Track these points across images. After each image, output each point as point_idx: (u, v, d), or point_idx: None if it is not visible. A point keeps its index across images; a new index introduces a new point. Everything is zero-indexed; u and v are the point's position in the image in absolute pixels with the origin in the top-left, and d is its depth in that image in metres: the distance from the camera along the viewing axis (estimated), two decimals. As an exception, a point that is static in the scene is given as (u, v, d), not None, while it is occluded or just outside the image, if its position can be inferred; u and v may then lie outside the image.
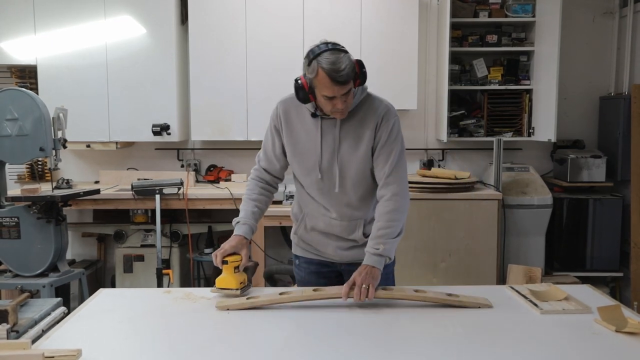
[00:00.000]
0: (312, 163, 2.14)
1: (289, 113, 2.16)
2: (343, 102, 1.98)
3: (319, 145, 2.11)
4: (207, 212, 4.53)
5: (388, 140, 2.09)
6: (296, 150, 2.16)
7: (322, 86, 1.94)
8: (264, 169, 2.30)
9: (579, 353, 1.58)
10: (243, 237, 2.16)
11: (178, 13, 4.28)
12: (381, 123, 2.08)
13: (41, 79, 4.21)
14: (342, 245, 2.22)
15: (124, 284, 4.26)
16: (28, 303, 2.34)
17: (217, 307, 1.91)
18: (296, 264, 2.39)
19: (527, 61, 4.46)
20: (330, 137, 2.11)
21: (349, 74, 1.93)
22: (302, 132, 2.14)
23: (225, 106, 4.27)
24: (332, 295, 1.95)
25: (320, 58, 1.93)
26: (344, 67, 1.91)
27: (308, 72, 1.97)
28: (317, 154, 2.12)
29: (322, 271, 2.30)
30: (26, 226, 3.41)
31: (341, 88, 1.93)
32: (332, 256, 2.25)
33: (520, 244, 4.18)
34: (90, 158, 4.67)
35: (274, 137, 2.22)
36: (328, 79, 1.91)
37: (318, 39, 2.05)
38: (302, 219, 2.29)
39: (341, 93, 1.95)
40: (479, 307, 1.92)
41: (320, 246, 2.27)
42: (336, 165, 2.11)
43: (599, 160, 4.31)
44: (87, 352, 1.52)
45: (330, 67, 1.90)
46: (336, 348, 1.61)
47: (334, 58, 1.92)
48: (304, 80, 2.01)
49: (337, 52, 1.94)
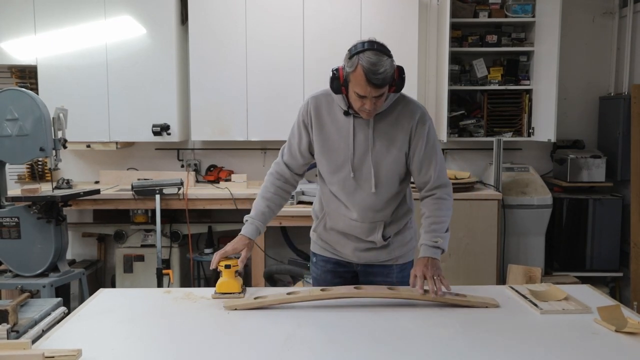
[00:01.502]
0: (342, 160, 2.11)
1: (320, 109, 2.14)
2: (373, 104, 1.95)
3: (351, 143, 2.08)
4: (207, 212, 4.53)
5: (428, 144, 2.11)
6: (326, 147, 2.12)
7: (356, 83, 1.92)
8: (286, 163, 2.26)
9: (579, 353, 1.58)
10: (247, 237, 2.12)
11: (178, 13, 4.29)
12: (416, 128, 2.08)
13: (41, 79, 4.21)
14: (361, 246, 2.21)
15: (124, 284, 4.26)
16: (28, 303, 2.34)
17: (225, 307, 1.91)
18: (313, 262, 2.37)
19: (527, 61, 4.46)
20: (363, 135, 2.08)
21: (385, 78, 1.91)
22: (333, 129, 2.11)
23: (225, 106, 4.27)
24: (341, 295, 1.95)
25: (363, 55, 1.91)
26: (383, 71, 1.89)
27: (347, 65, 1.96)
28: (349, 152, 2.09)
29: (338, 270, 2.29)
30: (26, 226, 3.41)
31: (374, 90, 1.91)
32: (350, 256, 2.25)
33: (520, 244, 4.19)
34: (91, 158, 4.67)
35: (300, 133, 2.19)
36: (364, 77, 1.89)
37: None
38: (323, 218, 2.26)
39: (373, 95, 1.93)
40: (487, 307, 1.92)
41: (338, 246, 2.26)
42: (370, 164, 2.09)
43: (599, 160, 4.31)
44: (87, 352, 1.52)
45: (369, 67, 1.89)
46: (338, 347, 1.61)
47: (375, 59, 1.90)
48: (341, 72, 2.00)
49: (380, 55, 1.92)
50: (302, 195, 4.08)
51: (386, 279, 2.23)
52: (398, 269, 2.26)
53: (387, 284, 2.16)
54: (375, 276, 2.24)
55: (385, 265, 2.24)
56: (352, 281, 2.27)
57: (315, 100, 2.15)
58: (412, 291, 1.97)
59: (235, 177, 4.34)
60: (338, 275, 2.30)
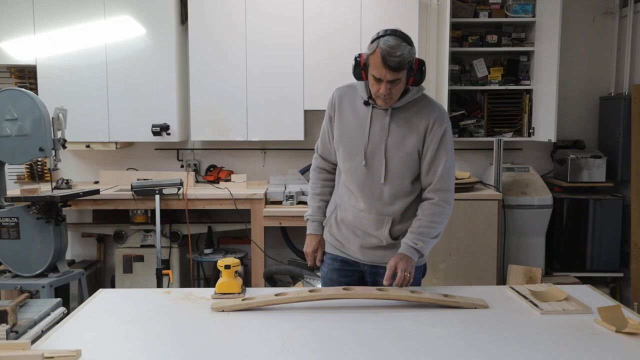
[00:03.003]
0: (356, 148, 2.17)
1: (342, 98, 2.23)
2: (387, 88, 2.00)
3: (367, 132, 2.14)
4: (207, 212, 4.53)
5: (440, 146, 2.14)
6: (343, 134, 2.20)
7: (374, 65, 1.99)
8: (322, 156, 2.37)
9: (579, 353, 1.58)
10: (315, 235, 2.33)
11: (178, 13, 4.28)
12: (432, 127, 2.12)
13: (41, 79, 4.21)
14: (367, 242, 2.23)
15: (124, 285, 4.26)
16: (27, 303, 2.34)
17: (212, 308, 1.91)
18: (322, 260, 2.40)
19: (527, 61, 4.46)
20: (379, 125, 2.13)
21: (402, 62, 1.95)
22: (351, 117, 2.19)
23: (225, 106, 4.27)
24: (329, 296, 1.95)
25: (383, 39, 1.97)
26: (399, 54, 1.94)
27: (368, 49, 2.02)
28: (363, 140, 2.15)
29: (345, 269, 2.31)
30: (26, 226, 3.41)
31: (390, 73, 1.96)
32: (356, 254, 2.27)
33: (520, 244, 4.18)
34: (90, 158, 4.67)
35: (327, 124, 2.28)
36: (380, 59, 1.95)
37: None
38: (334, 211, 2.30)
39: (388, 78, 1.98)
40: (475, 308, 1.92)
41: (346, 242, 2.28)
42: (383, 154, 2.13)
43: (599, 160, 4.31)
44: (86, 352, 1.51)
45: (386, 49, 1.94)
46: (337, 348, 1.61)
47: (394, 43, 1.96)
48: (362, 57, 2.07)
49: (400, 40, 1.97)
50: (302, 196, 4.07)
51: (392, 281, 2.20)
52: None
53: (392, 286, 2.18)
54: (381, 277, 2.23)
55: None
56: (358, 281, 2.30)
57: (339, 91, 2.26)
58: (401, 292, 1.96)
59: (235, 177, 4.34)
60: (344, 274, 2.31)
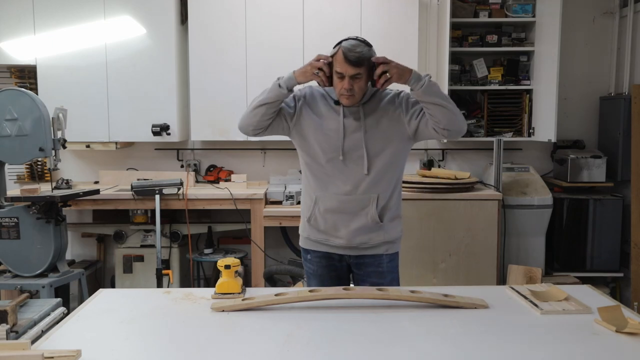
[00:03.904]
0: (333, 143, 2.28)
1: (314, 95, 2.36)
2: (350, 84, 2.17)
3: (341, 130, 2.27)
4: (207, 212, 4.53)
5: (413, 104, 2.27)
6: (318, 130, 2.30)
7: (337, 63, 2.18)
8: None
9: (579, 353, 1.58)
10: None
11: (178, 13, 4.28)
12: (402, 100, 2.30)
13: (41, 79, 4.21)
14: (354, 225, 2.31)
15: (124, 285, 4.26)
16: (27, 303, 2.34)
17: (212, 308, 1.91)
18: (307, 259, 2.45)
19: (527, 61, 4.46)
20: (354, 123, 2.27)
21: (360, 58, 2.14)
22: (324, 113, 2.31)
23: (225, 106, 4.27)
24: (329, 296, 1.95)
25: (344, 42, 2.20)
26: (359, 51, 2.16)
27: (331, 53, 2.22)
28: (339, 137, 2.27)
29: (332, 264, 2.39)
30: (26, 226, 3.41)
31: (350, 68, 2.14)
32: (342, 241, 2.33)
33: (520, 244, 4.18)
34: (90, 158, 4.67)
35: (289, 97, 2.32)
36: (342, 56, 2.15)
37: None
38: (315, 204, 2.36)
39: (350, 73, 2.15)
40: (475, 308, 1.92)
41: (333, 230, 2.34)
42: (363, 149, 2.27)
43: (599, 160, 4.31)
44: (86, 352, 1.51)
45: (347, 48, 2.16)
46: (337, 348, 1.61)
47: (355, 43, 2.18)
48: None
49: (360, 43, 2.19)
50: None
51: (377, 269, 2.36)
52: (387, 259, 2.38)
53: (377, 273, 2.35)
54: (367, 266, 2.37)
55: (375, 255, 2.36)
56: (346, 274, 2.41)
57: (311, 90, 2.38)
58: (401, 292, 1.97)
59: (235, 177, 4.34)
60: (333, 269, 2.40)
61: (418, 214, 3.85)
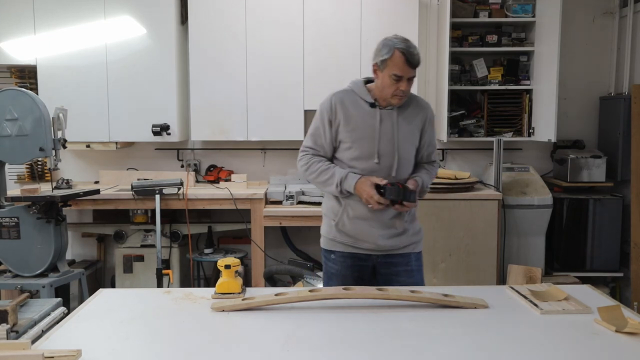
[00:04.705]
0: (369, 149, 2.30)
1: (344, 103, 2.34)
2: (407, 85, 2.22)
3: (377, 132, 2.30)
4: (207, 212, 4.53)
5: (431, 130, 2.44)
6: (354, 137, 2.31)
7: (394, 65, 2.19)
8: (317, 155, 2.41)
9: (579, 353, 1.58)
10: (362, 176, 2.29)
11: (178, 13, 4.28)
12: (428, 122, 2.41)
13: (41, 79, 4.21)
14: (384, 233, 2.34)
15: (124, 284, 4.26)
16: (28, 303, 2.34)
17: (212, 308, 1.91)
18: (330, 259, 2.45)
19: (527, 61, 4.46)
20: (388, 125, 2.31)
21: (419, 60, 2.22)
22: (359, 120, 2.31)
23: (225, 106, 4.27)
24: (329, 296, 1.95)
25: (397, 41, 2.20)
26: (417, 52, 2.22)
27: (381, 54, 2.22)
28: (375, 140, 2.30)
29: (357, 265, 2.40)
30: (26, 226, 3.41)
31: (410, 70, 2.20)
32: (371, 245, 2.35)
33: (520, 244, 4.18)
34: (90, 158, 4.67)
35: (325, 128, 2.35)
36: (403, 58, 2.18)
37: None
38: (344, 210, 2.37)
39: (408, 75, 2.21)
40: (475, 308, 1.92)
41: (361, 235, 2.35)
42: (395, 151, 2.31)
43: (599, 160, 4.31)
44: (86, 352, 1.51)
45: (406, 49, 2.18)
46: (337, 348, 1.61)
47: (409, 43, 2.22)
48: (376, 65, 2.26)
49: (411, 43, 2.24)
50: (302, 195, 4.07)
51: (406, 268, 2.38)
52: (415, 257, 2.42)
53: (407, 272, 2.36)
54: (396, 266, 2.38)
55: (404, 254, 2.38)
56: (369, 275, 2.41)
57: (337, 97, 2.35)
58: (401, 292, 1.97)
59: (235, 177, 4.34)
60: (357, 270, 2.40)
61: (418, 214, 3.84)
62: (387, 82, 2.22)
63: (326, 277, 2.50)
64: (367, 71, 4.38)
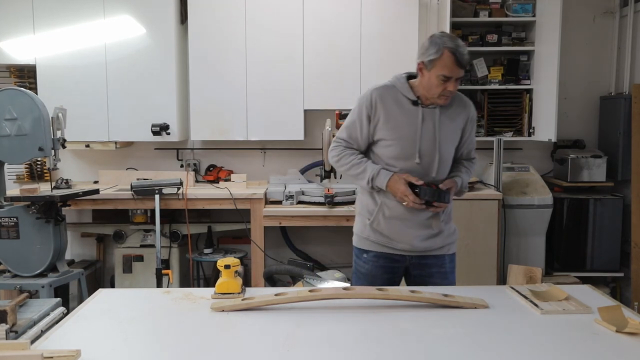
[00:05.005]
0: (410, 148, 2.25)
1: (385, 99, 2.26)
2: (454, 85, 2.16)
3: (419, 131, 2.24)
4: (207, 212, 4.52)
5: (472, 129, 2.40)
6: (394, 135, 2.25)
7: (444, 66, 2.12)
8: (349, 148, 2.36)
9: (579, 353, 1.58)
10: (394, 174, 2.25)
11: (178, 13, 4.28)
12: (470, 121, 2.36)
13: (40, 79, 4.21)
14: (421, 234, 2.31)
15: (124, 284, 4.25)
16: (27, 303, 2.34)
17: (212, 308, 1.90)
18: (362, 258, 2.41)
19: (527, 61, 4.46)
20: (431, 124, 2.25)
21: (469, 59, 2.16)
22: (400, 118, 2.25)
23: (225, 106, 4.27)
24: (329, 296, 1.94)
25: (446, 40, 2.13)
26: (466, 52, 2.14)
27: (428, 53, 2.14)
28: (416, 140, 2.24)
29: (389, 265, 2.36)
30: (25, 226, 3.40)
31: (459, 71, 2.13)
32: (406, 246, 2.32)
33: (520, 244, 4.18)
34: (90, 158, 4.67)
35: (362, 123, 2.29)
36: (452, 58, 2.10)
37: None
38: (379, 209, 2.32)
39: (457, 76, 2.14)
40: (475, 308, 1.92)
41: (397, 236, 2.32)
42: (437, 151, 2.26)
43: (600, 160, 4.30)
44: (86, 352, 1.51)
45: (455, 48, 2.10)
46: (337, 348, 1.60)
47: (458, 41, 2.15)
48: (422, 64, 2.19)
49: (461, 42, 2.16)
50: (302, 195, 4.07)
51: (440, 269, 2.36)
52: (449, 259, 2.39)
53: (440, 274, 2.34)
54: (429, 267, 2.35)
55: (438, 255, 2.36)
56: (399, 277, 2.40)
57: (378, 92, 2.27)
58: (401, 292, 1.96)
59: (234, 177, 4.34)
60: (389, 271, 2.37)
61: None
62: (434, 82, 2.16)
63: (355, 276, 2.46)
64: (368, 71, 4.37)
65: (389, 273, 2.37)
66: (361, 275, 2.43)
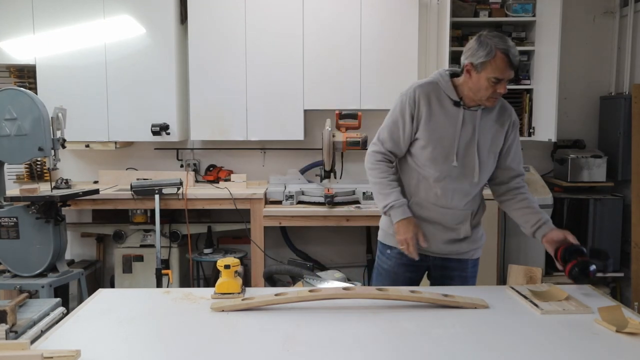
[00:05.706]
0: (447, 149, 2.19)
1: (429, 97, 2.20)
2: (504, 87, 2.10)
3: (458, 133, 2.18)
4: (207, 212, 4.52)
5: (517, 139, 2.32)
6: (434, 135, 2.19)
7: (496, 68, 2.04)
8: (390, 151, 2.30)
9: (579, 353, 1.58)
10: (411, 217, 2.22)
11: (177, 12, 4.28)
12: (512, 126, 2.28)
13: (40, 79, 4.20)
14: (448, 237, 2.28)
15: (123, 284, 4.25)
16: (27, 303, 2.34)
17: (212, 308, 1.90)
18: (386, 254, 2.39)
19: (527, 61, 4.45)
20: (470, 127, 2.20)
21: (520, 59, 2.09)
22: (442, 118, 2.19)
23: (224, 106, 4.27)
24: (329, 296, 1.94)
25: (497, 41, 2.05)
26: (518, 53, 2.07)
27: (478, 55, 2.06)
28: (454, 143, 2.19)
29: (412, 264, 2.33)
30: (25, 226, 3.40)
31: (511, 72, 2.07)
32: (432, 249, 2.29)
33: (521, 244, 4.18)
34: (90, 158, 4.66)
35: (405, 122, 2.23)
36: (505, 59, 2.03)
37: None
38: (410, 208, 2.27)
39: (508, 77, 2.08)
40: (475, 308, 1.92)
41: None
42: (476, 154, 2.20)
43: (600, 160, 4.30)
44: (86, 352, 1.51)
45: (507, 49, 2.03)
46: (337, 348, 1.60)
47: (508, 41, 2.07)
48: (469, 65, 2.11)
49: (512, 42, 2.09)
50: (302, 195, 4.07)
51: (462, 273, 2.34)
52: (472, 264, 2.37)
53: (462, 278, 2.31)
54: (451, 270, 2.34)
55: (461, 260, 2.34)
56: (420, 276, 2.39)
57: (422, 89, 2.21)
58: (401, 292, 1.96)
59: (234, 177, 4.33)
60: (410, 270, 2.36)
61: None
62: (483, 84, 2.09)
63: (376, 272, 2.44)
64: (368, 71, 4.35)
65: (411, 272, 2.35)
66: (382, 270, 2.41)
